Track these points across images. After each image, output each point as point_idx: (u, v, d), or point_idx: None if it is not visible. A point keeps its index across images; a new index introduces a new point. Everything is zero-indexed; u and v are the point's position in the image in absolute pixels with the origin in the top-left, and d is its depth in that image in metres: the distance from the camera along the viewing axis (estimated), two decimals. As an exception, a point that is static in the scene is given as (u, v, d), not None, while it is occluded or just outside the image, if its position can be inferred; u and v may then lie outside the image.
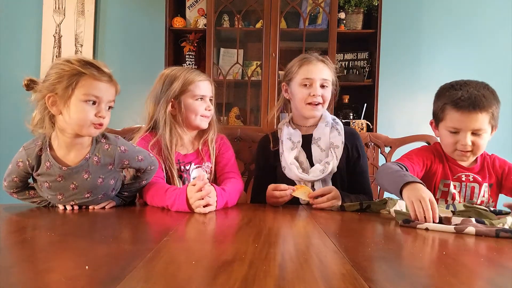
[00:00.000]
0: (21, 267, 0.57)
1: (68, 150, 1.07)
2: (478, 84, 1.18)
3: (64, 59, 1.03)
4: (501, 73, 2.78)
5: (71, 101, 1.00)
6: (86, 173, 1.07)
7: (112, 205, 1.16)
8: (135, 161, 1.13)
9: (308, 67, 1.38)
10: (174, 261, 0.60)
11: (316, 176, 1.34)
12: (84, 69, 1.01)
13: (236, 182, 1.33)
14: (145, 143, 1.30)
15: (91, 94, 1.01)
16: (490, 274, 0.61)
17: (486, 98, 1.12)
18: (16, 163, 1.07)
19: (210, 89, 1.39)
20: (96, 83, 1.02)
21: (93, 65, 1.02)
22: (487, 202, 1.23)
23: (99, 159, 1.08)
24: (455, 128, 1.16)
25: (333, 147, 1.39)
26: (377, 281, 0.52)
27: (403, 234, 0.87)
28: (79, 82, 1.00)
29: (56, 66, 1.02)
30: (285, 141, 1.42)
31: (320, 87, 1.38)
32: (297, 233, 0.89)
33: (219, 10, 2.55)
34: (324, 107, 1.42)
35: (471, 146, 1.15)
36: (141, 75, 2.89)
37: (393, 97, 2.84)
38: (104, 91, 1.03)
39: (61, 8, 2.92)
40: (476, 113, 1.12)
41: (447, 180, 1.24)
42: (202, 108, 1.36)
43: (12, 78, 2.89)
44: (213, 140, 1.41)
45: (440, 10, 2.83)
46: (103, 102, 1.04)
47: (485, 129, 1.14)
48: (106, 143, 1.10)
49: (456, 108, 1.14)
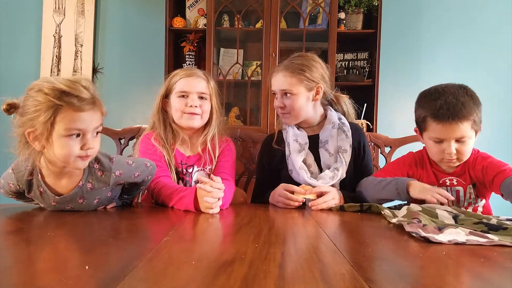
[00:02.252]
0: (21, 267, 0.57)
1: (58, 178, 1.00)
2: (456, 89, 1.14)
3: (37, 88, 0.89)
4: (501, 73, 2.77)
5: (53, 137, 0.89)
6: (81, 198, 1.03)
7: (113, 205, 1.16)
8: (131, 179, 1.09)
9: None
10: (174, 261, 0.60)
11: (325, 183, 1.30)
12: (60, 100, 0.87)
13: (229, 183, 1.26)
14: (147, 138, 1.33)
15: (73, 128, 0.89)
16: (490, 274, 0.61)
17: (465, 107, 1.10)
18: (7, 183, 1.02)
19: (197, 85, 1.33)
20: (77, 114, 0.89)
21: (70, 93, 0.88)
22: (475, 202, 1.22)
23: (93, 185, 1.02)
24: (438, 138, 1.16)
25: (341, 151, 1.36)
26: (377, 281, 0.52)
27: (403, 234, 0.87)
28: (58, 116, 0.87)
29: (31, 97, 0.89)
30: (292, 143, 1.38)
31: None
32: (297, 233, 0.89)
33: (219, 10, 2.55)
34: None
35: (456, 154, 1.15)
36: (141, 75, 2.90)
37: (393, 97, 2.84)
38: (88, 121, 0.91)
39: (61, 8, 2.91)
40: (457, 123, 1.11)
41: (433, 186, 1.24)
42: (182, 104, 1.31)
43: (12, 78, 2.89)
44: (215, 141, 1.37)
45: (440, 10, 2.83)
46: (88, 133, 0.92)
47: (468, 135, 1.13)
48: (100, 169, 1.03)
49: (436, 120, 1.13)
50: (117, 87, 2.89)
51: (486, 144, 2.56)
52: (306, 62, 1.36)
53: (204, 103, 1.34)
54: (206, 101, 1.35)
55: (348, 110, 1.50)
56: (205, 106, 1.34)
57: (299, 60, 1.37)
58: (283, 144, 1.42)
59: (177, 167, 1.34)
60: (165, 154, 1.30)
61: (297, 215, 1.11)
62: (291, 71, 1.34)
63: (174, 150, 1.34)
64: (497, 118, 2.74)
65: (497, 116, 2.74)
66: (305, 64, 1.35)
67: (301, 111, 1.36)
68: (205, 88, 1.35)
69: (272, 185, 1.29)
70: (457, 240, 0.76)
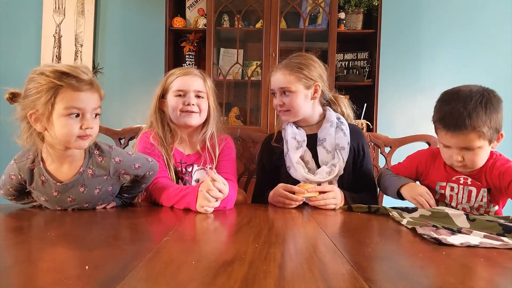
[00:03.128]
0: (21, 267, 0.57)
1: (60, 163, 1.03)
2: (471, 95, 1.08)
3: (39, 71, 0.95)
4: (501, 72, 2.78)
5: (53, 117, 0.94)
6: (82, 186, 1.05)
7: (113, 205, 1.16)
8: (132, 169, 1.11)
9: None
10: (174, 261, 0.60)
11: (322, 178, 1.32)
12: (60, 81, 0.93)
13: (232, 184, 1.27)
14: (145, 137, 1.33)
15: (72, 107, 0.94)
16: (490, 274, 0.61)
17: (471, 117, 1.05)
18: (9, 175, 1.04)
19: (194, 84, 1.34)
20: (76, 94, 0.94)
21: (70, 74, 0.94)
22: (486, 207, 1.20)
23: (93, 171, 1.05)
24: (445, 145, 1.15)
25: (339, 148, 1.36)
26: (377, 281, 0.52)
27: (403, 234, 0.87)
28: (58, 96, 0.93)
29: (32, 79, 0.95)
30: (290, 140, 1.39)
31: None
32: (297, 233, 0.89)
33: (219, 10, 2.55)
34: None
35: (463, 161, 1.13)
36: (141, 75, 2.90)
37: (393, 97, 2.84)
38: (87, 101, 0.96)
39: (61, 8, 2.92)
40: (461, 134, 1.08)
41: (443, 182, 1.24)
42: (180, 103, 1.32)
43: (12, 78, 2.89)
44: (214, 140, 1.38)
45: (440, 10, 2.83)
46: (87, 113, 0.97)
47: (475, 145, 1.09)
48: (100, 155, 1.06)
49: (442, 128, 1.12)
50: (117, 87, 2.89)
51: (486, 144, 2.58)
52: (304, 61, 1.38)
53: (201, 101, 1.35)
54: (203, 100, 1.36)
55: (347, 111, 1.51)
56: (203, 105, 1.35)
57: (298, 59, 1.39)
58: (281, 142, 1.44)
59: (176, 166, 1.34)
60: (163, 154, 1.30)
61: (297, 215, 1.11)
62: (290, 69, 1.36)
63: (173, 149, 1.34)
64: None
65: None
66: (303, 63, 1.37)
67: (300, 108, 1.38)
68: (202, 86, 1.36)
69: (272, 184, 1.30)
70: (470, 243, 0.75)
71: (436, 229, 0.85)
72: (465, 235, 0.81)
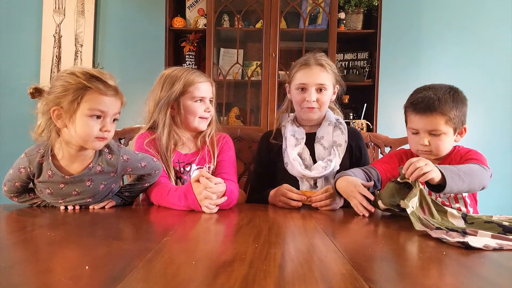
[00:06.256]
0: (21, 267, 0.57)
1: (71, 161, 1.07)
2: (441, 88, 1.20)
3: (69, 71, 1.01)
4: (501, 72, 2.77)
5: (76, 116, 1.00)
6: (89, 180, 1.09)
7: (112, 204, 1.16)
8: (138, 168, 1.15)
9: (304, 71, 1.40)
10: (174, 261, 0.60)
11: (318, 173, 1.34)
12: (89, 83, 0.99)
13: (233, 184, 1.27)
14: (142, 140, 1.31)
15: (96, 109, 1.00)
16: (490, 274, 0.61)
17: (440, 102, 1.16)
18: (18, 169, 1.06)
19: (210, 90, 1.39)
20: (101, 97, 1.01)
21: (99, 78, 1.01)
22: (454, 199, 1.22)
23: (102, 168, 1.09)
24: (414, 129, 1.22)
25: (336, 146, 1.39)
26: (377, 281, 0.52)
27: (403, 234, 0.87)
28: (85, 97, 0.99)
29: (61, 78, 1.01)
30: (289, 137, 1.43)
31: (317, 90, 1.39)
32: (297, 233, 0.89)
33: (219, 10, 2.55)
34: (322, 109, 1.42)
35: (429, 146, 1.20)
36: (141, 75, 2.88)
37: (393, 97, 2.83)
38: (110, 106, 1.03)
39: (61, 8, 2.92)
40: (430, 116, 1.17)
41: None
42: (201, 109, 1.35)
43: (12, 78, 2.89)
44: (213, 139, 1.39)
45: (440, 10, 2.83)
46: (108, 116, 1.03)
47: (441, 130, 1.17)
48: (109, 152, 1.11)
49: (413, 111, 1.21)
50: (117, 87, 2.89)
51: (486, 143, 2.58)
52: (331, 63, 1.45)
53: (211, 106, 1.40)
54: (211, 103, 1.40)
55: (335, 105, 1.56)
56: (212, 109, 1.40)
57: (327, 59, 1.45)
58: (280, 139, 1.47)
59: (174, 166, 1.34)
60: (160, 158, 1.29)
61: (297, 215, 1.11)
62: (325, 67, 1.41)
63: (174, 154, 1.34)
64: (497, 118, 2.74)
65: (497, 115, 2.74)
66: (332, 65, 1.45)
67: (326, 107, 1.44)
68: (213, 92, 1.41)
69: (269, 179, 1.30)
70: (489, 245, 0.73)
71: (447, 232, 0.82)
72: (476, 237, 0.79)
